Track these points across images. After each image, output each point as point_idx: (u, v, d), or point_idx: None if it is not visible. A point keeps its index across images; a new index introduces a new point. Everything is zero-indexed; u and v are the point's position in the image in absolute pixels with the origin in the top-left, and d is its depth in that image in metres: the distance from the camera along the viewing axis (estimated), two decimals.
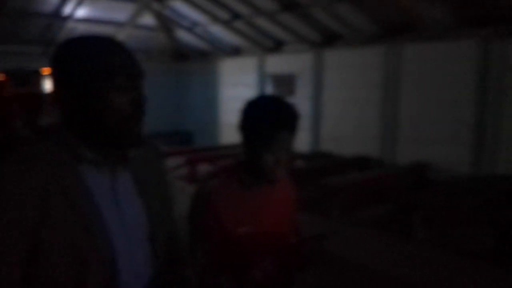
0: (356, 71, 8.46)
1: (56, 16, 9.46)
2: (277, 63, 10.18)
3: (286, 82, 10.05)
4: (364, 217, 5.75)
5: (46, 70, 9.74)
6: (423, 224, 4.95)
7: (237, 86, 11.29)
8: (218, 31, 10.41)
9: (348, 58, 8.59)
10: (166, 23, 10.96)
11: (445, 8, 6.54)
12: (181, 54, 12.54)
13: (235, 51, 11.12)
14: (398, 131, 7.80)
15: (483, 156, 6.68)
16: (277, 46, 9.88)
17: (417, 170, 7.13)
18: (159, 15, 10.48)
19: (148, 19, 10.41)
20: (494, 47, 6.50)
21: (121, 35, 9.85)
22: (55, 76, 1.08)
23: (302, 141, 9.20)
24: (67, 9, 9.30)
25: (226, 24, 9.69)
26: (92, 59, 1.05)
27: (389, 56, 7.84)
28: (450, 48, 6.97)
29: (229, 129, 11.14)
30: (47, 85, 10.02)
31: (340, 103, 8.81)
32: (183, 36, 11.47)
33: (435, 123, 7.21)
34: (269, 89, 10.41)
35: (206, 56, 12.12)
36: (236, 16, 9.23)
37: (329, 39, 8.69)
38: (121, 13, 9.89)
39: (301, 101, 9.21)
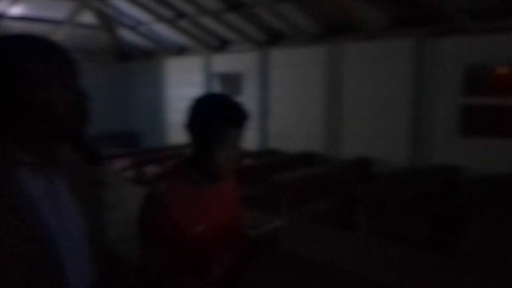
0: (301, 70, 8.67)
1: None
2: (223, 63, 10.20)
3: (232, 81, 10.10)
4: (312, 212, 5.91)
5: None
6: (367, 215, 5.18)
7: (183, 85, 11.18)
8: (163, 30, 10.25)
9: (293, 57, 8.78)
10: (108, 22, 10.63)
11: (381, 9, 6.87)
12: (125, 54, 12.20)
13: (181, 50, 11.00)
14: (341, 127, 8.09)
15: (419, 150, 7.09)
16: (222, 45, 9.88)
17: (360, 165, 7.42)
18: (100, 13, 10.14)
19: (88, 17, 10.04)
20: (428, 45, 6.92)
21: (60, 34, 9.43)
22: None
23: (250, 139, 9.28)
24: (0, 7, 8.77)
25: (171, 23, 9.56)
26: (34, 56, 1.04)
27: (331, 55, 8.10)
28: (387, 47, 7.32)
29: (176, 129, 11.02)
30: None
31: (286, 102, 8.99)
32: (127, 35, 11.17)
33: (376, 119, 7.55)
34: (216, 89, 10.40)
35: (151, 56, 11.89)
36: (180, 14, 9.14)
37: (274, 38, 8.83)
38: (59, 11, 9.47)
39: (248, 100, 9.28)
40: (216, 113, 1.41)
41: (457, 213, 4.66)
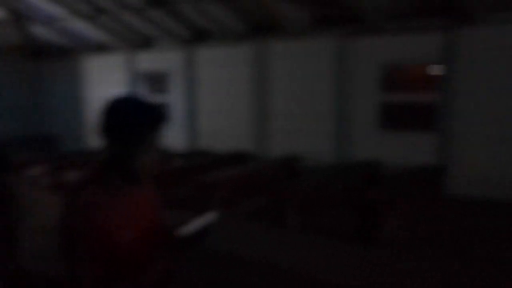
0: (228, 68, 8.64)
1: None
2: (148, 61, 9.87)
3: (159, 79, 9.82)
4: (243, 211, 5.91)
5: None
6: (295, 211, 5.28)
7: (106, 84, 10.66)
8: (81, 26, 9.68)
9: (220, 55, 8.73)
10: (18, 17, 9.82)
11: (303, 9, 7.05)
12: (39, 51, 11.36)
13: (101, 48, 10.47)
14: (270, 125, 8.19)
15: (343, 145, 7.39)
16: (146, 43, 9.57)
17: (288, 162, 7.56)
18: (8, 8, 9.33)
19: None
20: (348, 45, 7.22)
21: None
22: None
23: (178, 139, 9.10)
24: None
25: (89, 18, 9.06)
26: None
27: (257, 53, 8.17)
28: (310, 46, 7.54)
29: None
30: None
31: (215, 101, 8.92)
32: (40, 31, 10.40)
33: (303, 116, 7.75)
34: (142, 87, 10.06)
35: (69, 53, 11.19)
36: (100, 10, 8.68)
37: (199, 36, 8.72)
38: None
39: (175, 99, 9.09)
40: (136, 117, 1.37)
41: (378, 205, 4.90)
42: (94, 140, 10.70)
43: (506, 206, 5.80)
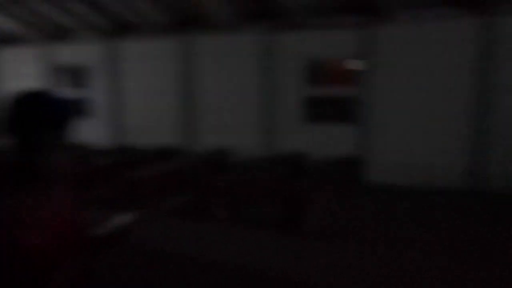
0: (154, 62, 8.42)
1: None
2: (68, 54, 9.33)
3: (78, 73, 9.33)
4: (169, 206, 5.84)
5: None
6: (223, 204, 5.32)
7: (20, 79, 9.91)
8: None
9: (145, 49, 8.48)
10: None
11: (230, 3, 7.07)
12: None
13: (14, 39, 9.72)
14: (198, 120, 8.13)
15: (270, 138, 7.54)
16: (64, 35, 9.04)
17: (216, 156, 7.58)
18: None
19: None
20: (273, 40, 7.37)
21: None
22: None
23: (102, 136, 8.75)
24: None
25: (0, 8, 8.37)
26: None
27: (183, 47, 8.06)
28: (237, 40, 7.59)
29: None
30: None
31: (141, 95, 8.65)
32: None
33: (230, 110, 7.79)
34: (60, 82, 9.50)
35: None
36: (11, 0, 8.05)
37: (123, 28, 8.41)
38: None
39: (97, 93, 8.70)
40: (41, 113, 1.31)
41: (302, 195, 5.10)
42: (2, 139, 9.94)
43: (421, 192, 6.32)
